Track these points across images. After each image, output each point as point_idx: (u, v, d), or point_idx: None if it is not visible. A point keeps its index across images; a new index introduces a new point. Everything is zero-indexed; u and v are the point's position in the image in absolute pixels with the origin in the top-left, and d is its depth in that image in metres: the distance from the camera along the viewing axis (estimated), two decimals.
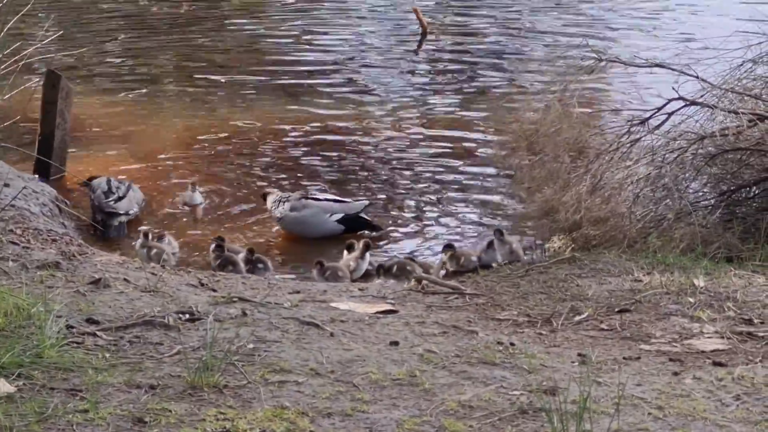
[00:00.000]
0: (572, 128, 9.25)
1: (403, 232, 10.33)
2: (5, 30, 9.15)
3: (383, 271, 8.92)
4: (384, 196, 11.01)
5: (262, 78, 14.55)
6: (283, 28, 17.01)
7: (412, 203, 10.87)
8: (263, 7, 18.31)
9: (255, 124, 12.83)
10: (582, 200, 8.66)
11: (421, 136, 12.52)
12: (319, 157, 11.92)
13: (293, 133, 12.56)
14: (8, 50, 9.13)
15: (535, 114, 9.89)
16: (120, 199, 10.13)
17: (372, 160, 11.86)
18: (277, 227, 10.33)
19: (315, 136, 12.46)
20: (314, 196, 10.36)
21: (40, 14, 16.18)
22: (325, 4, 18.33)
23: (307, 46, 15.98)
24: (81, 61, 14.43)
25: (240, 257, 9.05)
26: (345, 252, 9.30)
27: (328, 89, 14.14)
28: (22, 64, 9.66)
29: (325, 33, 16.72)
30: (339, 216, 10.22)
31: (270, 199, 10.31)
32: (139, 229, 9.47)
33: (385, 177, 11.47)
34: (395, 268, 8.98)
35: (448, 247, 9.00)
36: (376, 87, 14.33)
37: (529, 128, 9.69)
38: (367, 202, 10.41)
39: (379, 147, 12.21)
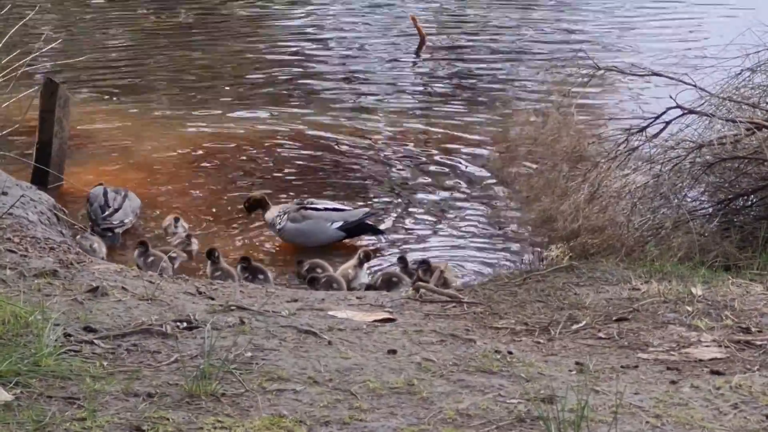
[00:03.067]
0: (570, 137, 9.26)
1: (402, 241, 10.33)
2: (4, 39, 9.16)
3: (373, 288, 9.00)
4: (382, 205, 11.02)
5: (261, 87, 14.56)
6: (280, 37, 17.02)
7: (410, 212, 10.88)
8: (260, 17, 18.32)
9: (253, 133, 12.85)
10: (580, 209, 8.66)
11: (420, 145, 12.53)
12: (317, 166, 11.93)
13: (292, 142, 12.56)
14: (7, 59, 9.13)
15: (534, 123, 9.90)
16: (115, 211, 10.20)
17: (370, 169, 11.87)
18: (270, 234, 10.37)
19: (313, 145, 12.47)
20: (313, 206, 10.36)
21: (39, 22, 16.20)
22: (322, 13, 18.34)
23: (305, 55, 15.99)
24: (79, 70, 14.43)
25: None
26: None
27: (326, 98, 14.14)
28: (21, 72, 9.66)
29: (323, 42, 16.72)
30: (339, 224, 10.23)
31: (271, 213, 10.29)
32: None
33: (383, 185, 11.48)
34: (380, 281, 9.07)
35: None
36: (374, 95, 14.34)
37: (528, 137, 9.70)
38: (367, 210, 10.41)
39: (377, 155, 12.21)
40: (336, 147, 12.42)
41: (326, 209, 10.33)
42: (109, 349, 5.80)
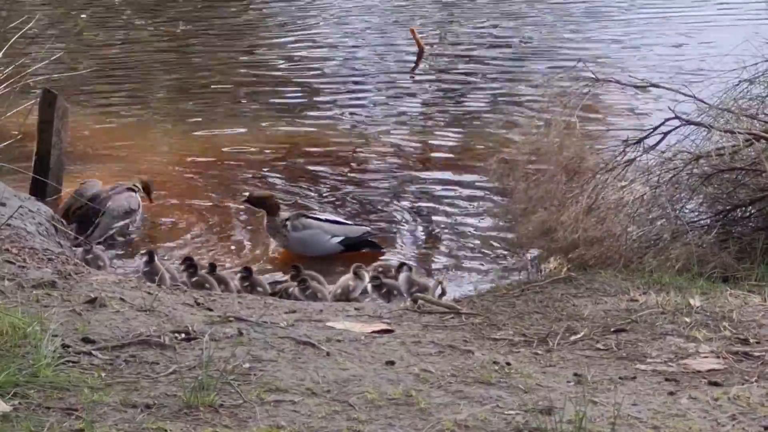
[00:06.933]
0: (568, 149, 9.27)
1: (401, 253, 10.33)
2: (4, 50, 9.18)
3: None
4: (381, 218, 11.02)
5: (258, 98, 14.57)
6: (278, 47, 17.03)
7: (408, 224, 10.87)
8: (259, 26, 18.34)
9: (250, 143, 12.85)
10: (578, 220, 8.66)
11: (417, 157, 12.53)
12: (315, 178, 11.92)
13: (289, 154, 12.57)
14: (7, 70, 9.15)
15: (533, 135, 9.90)
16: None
17: (368, 181, 11.87)
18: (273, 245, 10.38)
19: (310, 157, 12.47)
20: (314, 216, 10.37)
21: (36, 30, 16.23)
22: (321, 24, 18.36)
23: (303, 66, 16.00)
24: (78, 81, 14.44)
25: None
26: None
27: (323, 110, 14.15)
28: (21, 84, 9.68)
29: (321, 53, 16.74)
30: (340, 239, 10.22)
31: (276, 219, 10.31)
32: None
33: (381, 198, 11.47)
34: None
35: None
36: (372, 107, 14.34)
37: (527, 149, 9.70)
38: (367, 229, 10.39)
39: (374, 168, 12.22)
40: (333, 160, 12.42)
41: (327, 221, 10.33)
42: (107, 360, 5.80)
